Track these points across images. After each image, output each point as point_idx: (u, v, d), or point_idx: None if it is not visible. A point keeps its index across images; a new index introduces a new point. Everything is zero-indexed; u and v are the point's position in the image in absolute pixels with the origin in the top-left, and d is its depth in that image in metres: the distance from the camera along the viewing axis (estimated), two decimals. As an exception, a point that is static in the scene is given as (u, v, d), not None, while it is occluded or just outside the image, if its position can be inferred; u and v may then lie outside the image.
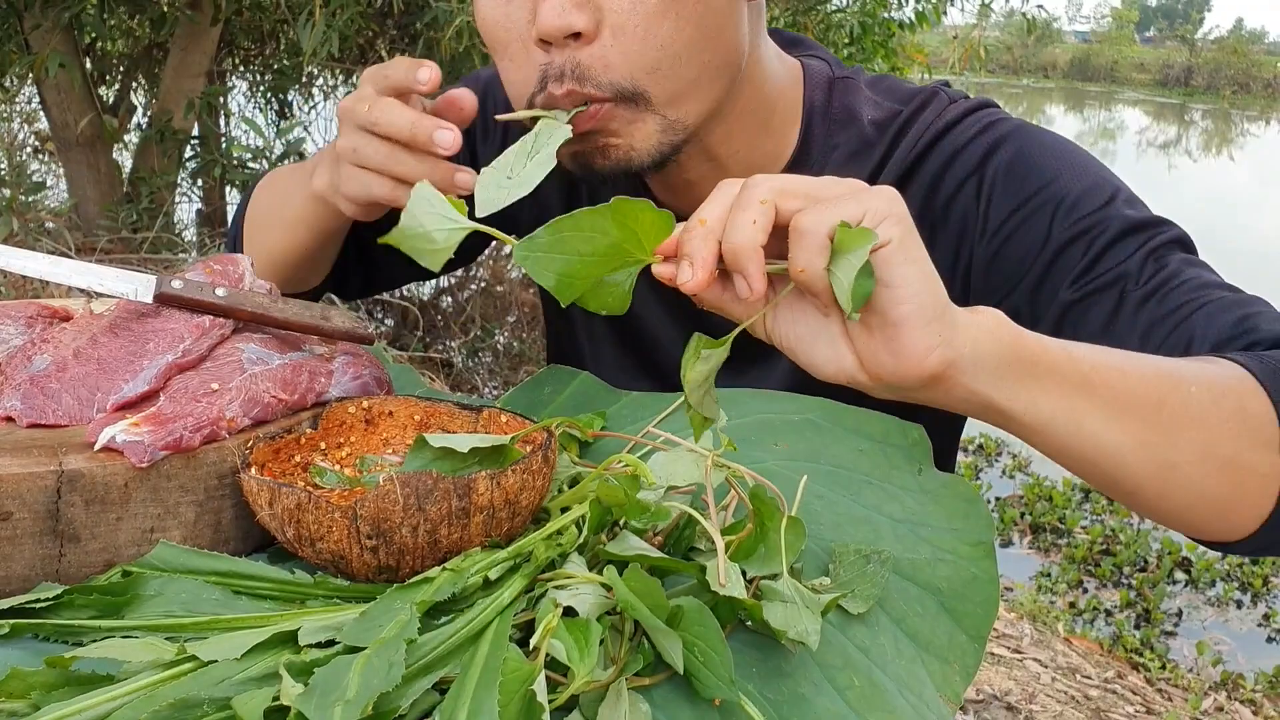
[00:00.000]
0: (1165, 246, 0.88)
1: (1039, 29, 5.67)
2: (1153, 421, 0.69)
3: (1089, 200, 0.90)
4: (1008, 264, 0.93)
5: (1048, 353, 0.67)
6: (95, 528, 0.68)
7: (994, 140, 0.96)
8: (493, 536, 0.69)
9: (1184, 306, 0.83)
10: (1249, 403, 0.72)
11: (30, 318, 0.87)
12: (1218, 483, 0.71)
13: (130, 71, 4.51)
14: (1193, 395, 0.70)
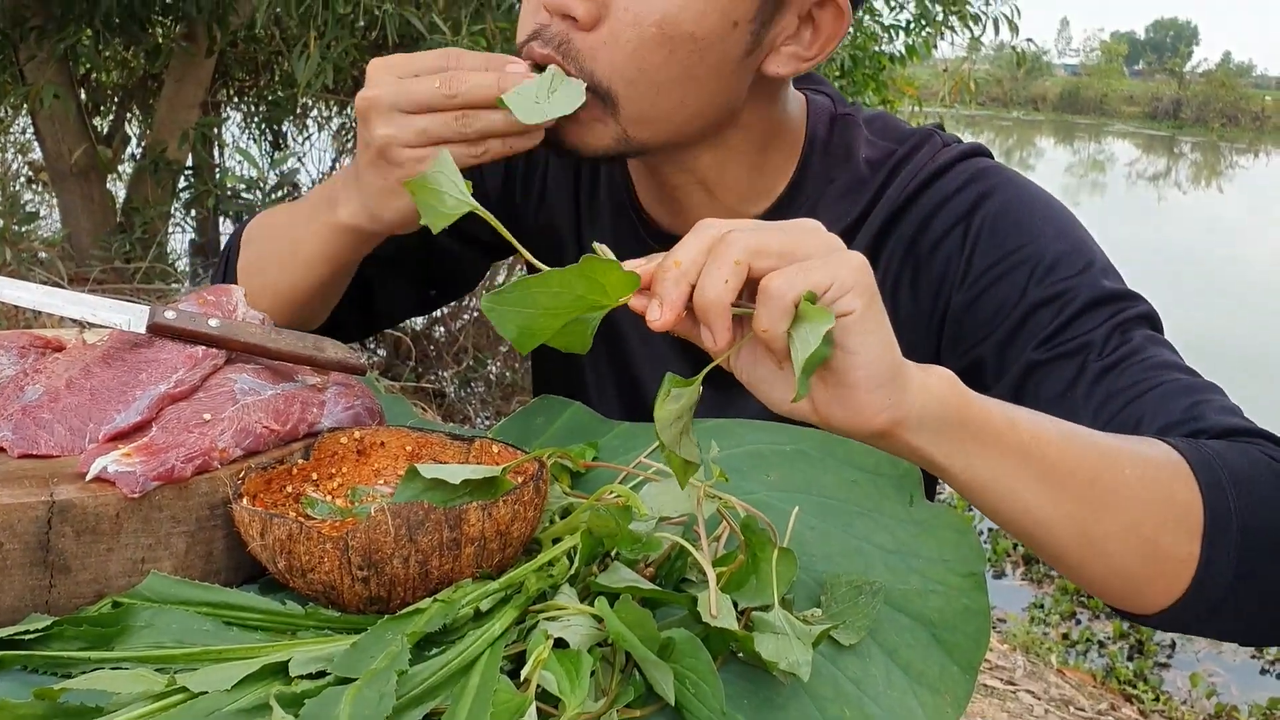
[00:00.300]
0: (1133, 321, 0.90)
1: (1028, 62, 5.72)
2: (1083, 496, 0.72)
3: (1066, 265, 0.92)
4: (982, 315, 0.95)
5: (991, 419, 0.70)
6: (86, 558, 0.68)
7: (983, 191, 0.98)
8: (484, 568, 0.69)
9: (1140, 384, 0.85)
10: (1178, 490, 0.74)
11: (23, 348, 0.87)
12: (1136, 561, 0.73)
13: (125, 102, 4.53)
14: (1126, 476, 0.73)
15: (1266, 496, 0.76)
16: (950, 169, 1.00)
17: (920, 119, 5.23)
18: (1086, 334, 0.89)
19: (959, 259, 0.97)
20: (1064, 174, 21.09)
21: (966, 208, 0.97)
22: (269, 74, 4.55)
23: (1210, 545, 0.73)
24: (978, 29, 4.90)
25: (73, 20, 3.55)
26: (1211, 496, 0.74)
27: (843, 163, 1.03)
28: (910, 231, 0.99)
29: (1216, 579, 0.74)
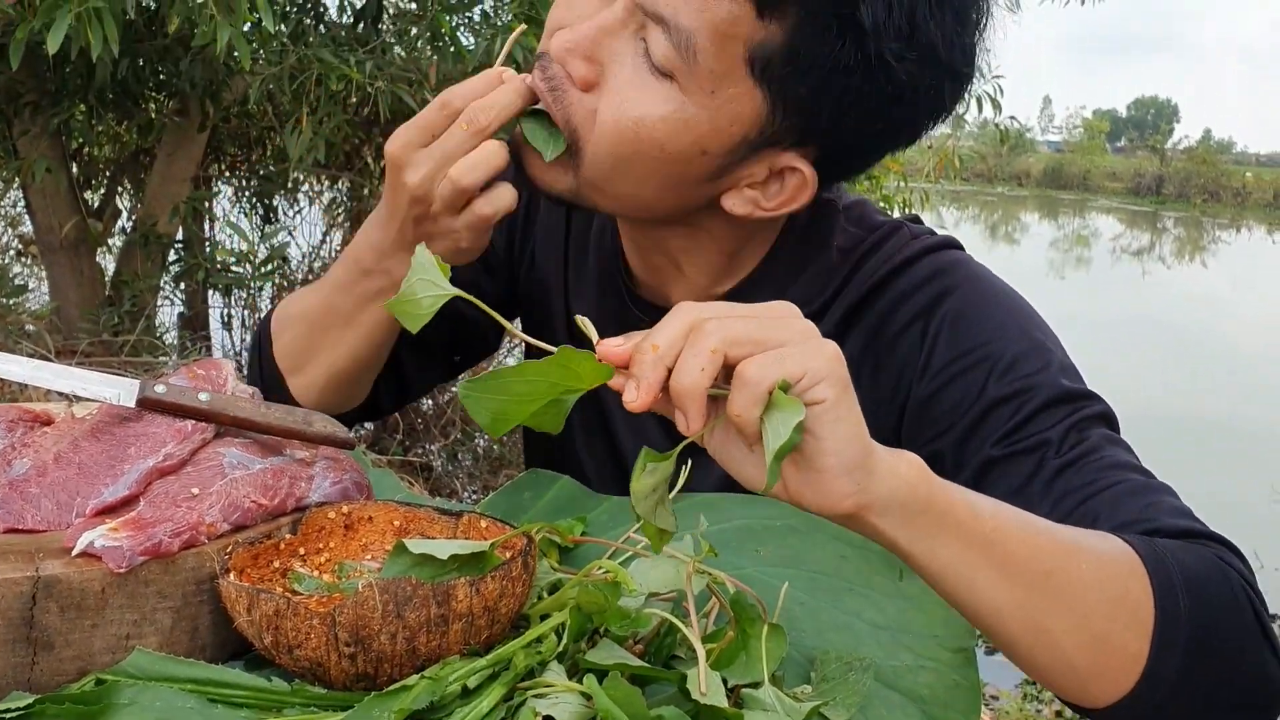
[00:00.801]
0: (1090, 420, 0.91)
1: (1012, 139, 5.80)
2: (1038, 588, 0.72)
3: (1025, 363, 0.94)
4: (941, 410, 0.96)
5: (955, 507, 0.71)
6: (70, 635, 0.67)
7: (946, 286, 0.99)
8: (472, 644, 0.69)
9: (1096, 483, 0.86)
10: (1132, 587, 0.75)
11: (11, 422, 0.87)
12: (1085, 655, 0.74)
13: (116, 176, 4.55)
14: (1081, 571, 0.74)
15: (1216, 599, 0.77)
16: (916, 262, 1.02)
17: (906, 194, 5.29)
18: (1044, 432, 0.90)
19: (919, 353, 0.98)
20: (1049, 248, 21.31)
21: (928, 302, 0.99)
22: (261, 149, 4.59)
23: (1159, 644, 0.74)
24: (961, 107, 4.97)
25: (67, 96, 3.59)
26: (1163, 596, 0.75)
27: (816, 250, 1.04)
28: (873, 322, 1.01)
29: (1163, 677, 0.74)
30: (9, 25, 2.80)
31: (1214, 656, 0.76)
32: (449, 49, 3.38)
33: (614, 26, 0.90)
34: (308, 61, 3.16)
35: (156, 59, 3.60)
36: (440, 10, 3.40)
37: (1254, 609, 0.78)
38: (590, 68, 0.90)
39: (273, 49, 3.20)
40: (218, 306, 4.66)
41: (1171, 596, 0.75)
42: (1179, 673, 0.75)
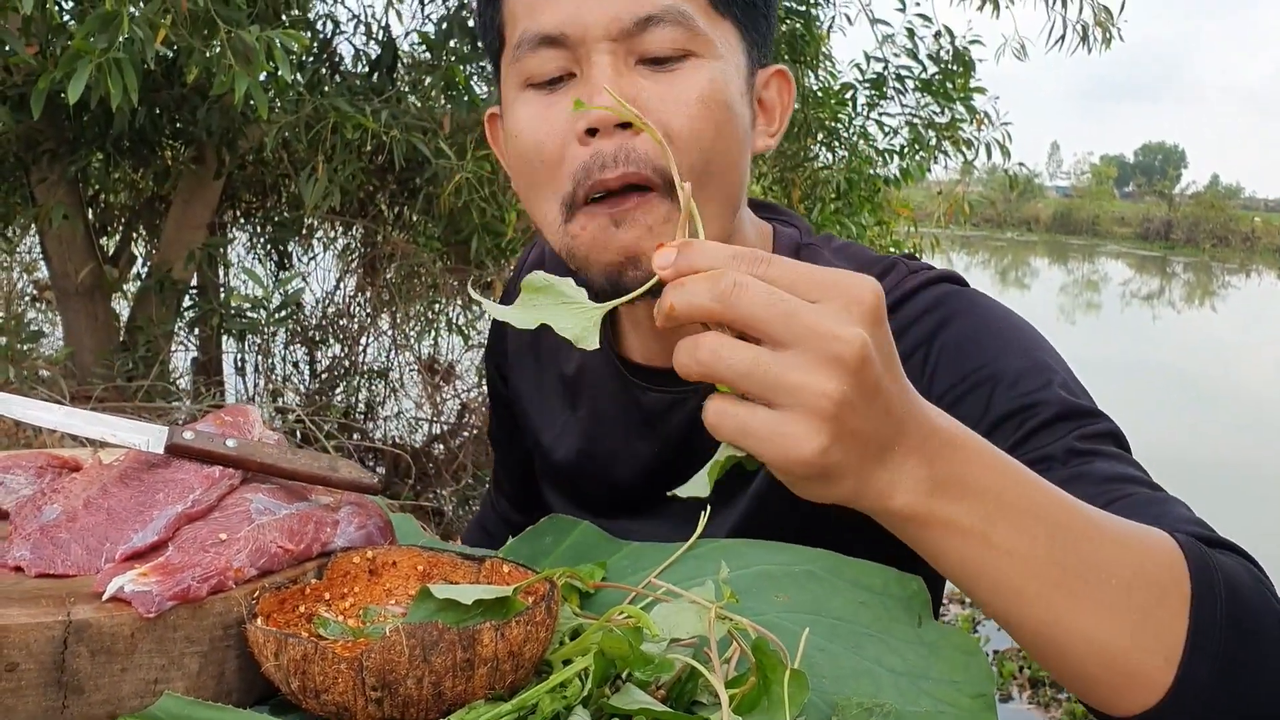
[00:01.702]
0: (1096, 437, 0.90)
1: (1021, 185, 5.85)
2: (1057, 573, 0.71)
3: (1028, 380, 0.94)
4: None
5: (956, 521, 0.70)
6: (100, 679, 0.68)
7: (945, 317, 1.00)
8: (496, 689, 0.69)
9: (1104, 495, 0.85)
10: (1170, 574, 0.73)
11: (40, 468, 0.88)
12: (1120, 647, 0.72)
13: (132, 223, 4.60)
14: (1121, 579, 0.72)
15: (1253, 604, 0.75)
16: (915, 295, 1.03)
17: (916, 239, 5.32)
18: (1047, 447, 0.90)
19: (920, 384, 0.96)
20: (1059, 293, 21.31)
21: (928, 333, 1.00)
22: (276, 195, 4.64)
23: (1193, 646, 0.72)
24: (970, 153, 5.02)
25: (85, 144, 3.64)
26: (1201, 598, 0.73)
27: None
28: None
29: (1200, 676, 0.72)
30: (30, 75, 2.85)
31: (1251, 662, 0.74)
32: (463, 98, 3.43)
33: (613, 70, 0.93)
34: (324, 110, 3.20)
35: (174, 107, 3.65)
36: (454, 60, 3.44)
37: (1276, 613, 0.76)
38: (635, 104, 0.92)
39: (289, 98, 3.25)
40: (231, 352, 4.69)
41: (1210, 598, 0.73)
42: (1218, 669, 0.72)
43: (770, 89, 1.06)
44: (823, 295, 0.64)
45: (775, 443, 0.64)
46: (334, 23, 3.95)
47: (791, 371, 0.63)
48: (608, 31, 0.92)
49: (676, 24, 0.93)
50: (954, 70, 4.82)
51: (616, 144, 0.92)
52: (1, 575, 0.75)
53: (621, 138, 0.92)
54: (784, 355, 0.63)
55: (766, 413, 0.64)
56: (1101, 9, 4.68)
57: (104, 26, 2.32)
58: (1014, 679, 4.13)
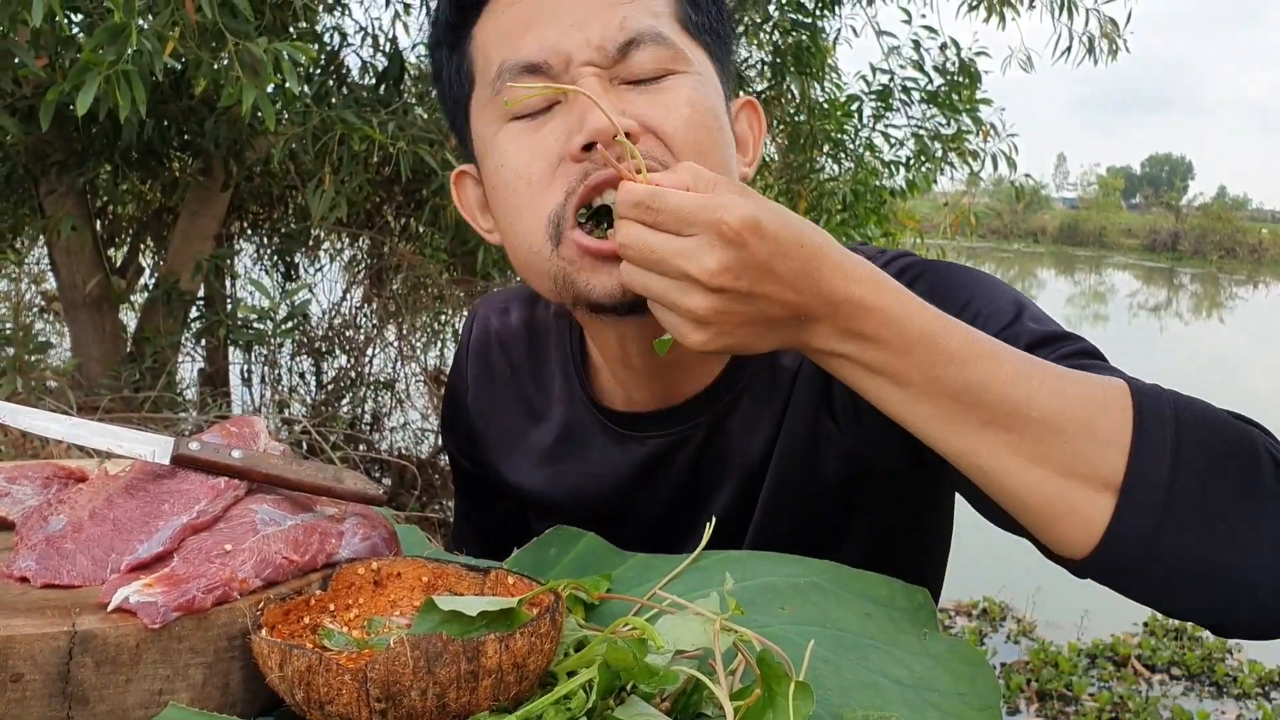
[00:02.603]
0: (1075, 355, 0.93)
1: (1027, 196, 5.84)
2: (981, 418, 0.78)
3: (998, 318, 0.97)
4: None
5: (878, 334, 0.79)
6: (104, 689, 0.68)
7: (911, 277, 1.04)
8: (500, 700, 0.69)
9: None
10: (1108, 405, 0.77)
11: (47, 478, 0.88)
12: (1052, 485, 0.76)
13: (140, 234, 4.61)
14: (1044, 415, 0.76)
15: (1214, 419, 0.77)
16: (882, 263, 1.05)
17: (923, 251, 5.31)
18: None
19: None
20: (1066, 305, 21.28)
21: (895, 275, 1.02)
22: (283, 207, 4.65)
23: (1140, 441, 0.75)
24: (976, 165, 5.02)
25: (93, 155, 3.65)
26: (1146, 411, 0.76)
27: None
28: None
29: (1152, 481, 0.74)
30: (39, 87, 2.86)
31: (1213, 468, 0.75)
32: (469, 109, 3.43)
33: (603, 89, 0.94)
34: (331, 122, 3.21)
35: (182, 119, 3.66)
36: (461, 72, 3.44)
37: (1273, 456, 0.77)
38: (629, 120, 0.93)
39: (296, 110, 3.26)
40: (238, 363, 4.70)
41: (1156, 407, 0.76)
42: (1165, 481, 0.74)
43: (741, 121, 1.07)
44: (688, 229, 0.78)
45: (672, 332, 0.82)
46: (341, 35, 3.97)
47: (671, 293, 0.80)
48: (591, 58, 0.94)
49: (657, 43, 0.95)
50: (960, 82, 4.82)
51: (616, 151, 0.92)
52: (7, 585, 0.75)
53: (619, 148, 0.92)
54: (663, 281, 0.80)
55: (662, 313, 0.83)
56: (1107, 21, 4.69)
57: (112, 39, 2.33)
58: (1021, 692, 4.12)
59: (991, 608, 4.82)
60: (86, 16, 2.90)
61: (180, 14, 2.47)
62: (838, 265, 0.78)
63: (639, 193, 0.79)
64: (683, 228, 0.78)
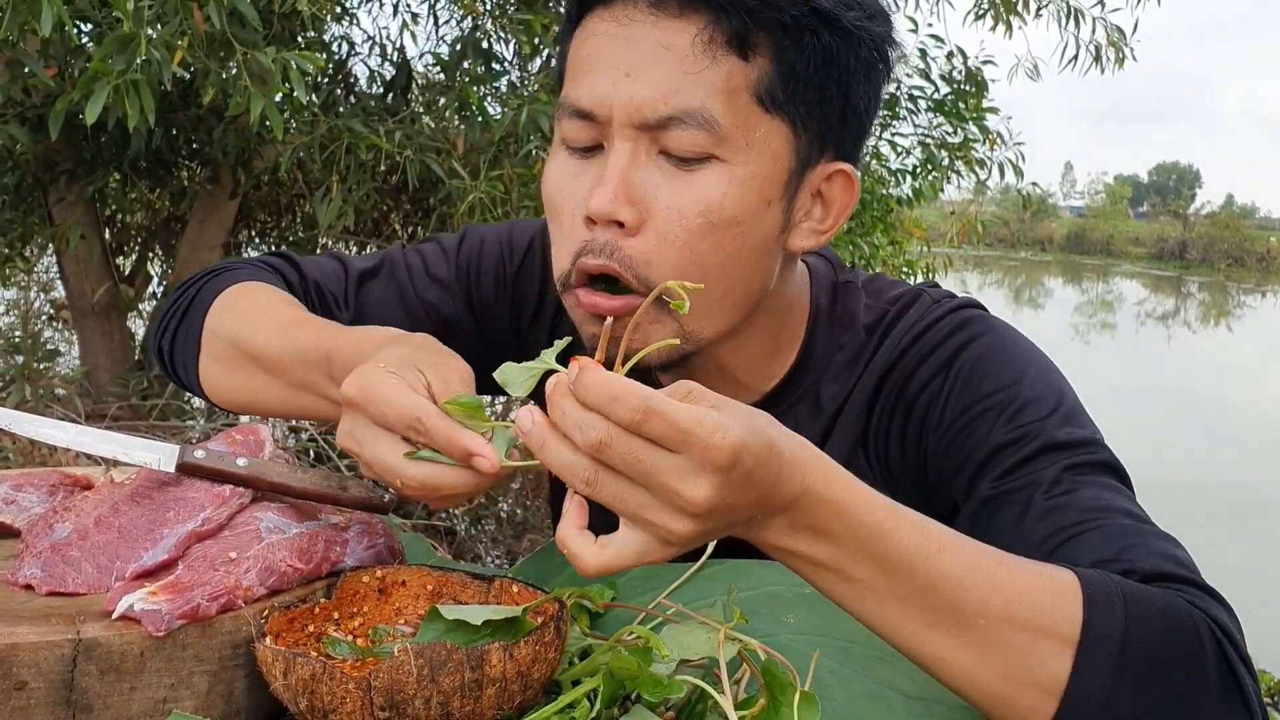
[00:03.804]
0: (1089, 467, 0.91)
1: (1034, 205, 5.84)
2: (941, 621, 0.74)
3: (1032, 410, 0.95)
4: (954, 459, 0.98)
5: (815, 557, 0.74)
6: (108, 697, 0.68)
7: (965, 339, 1.02)
8: (505, 709, 0.69)
9: (1080, 525, 0.86)
10: (1056, 608, 0.74)
11: (52, 486, 0.88)
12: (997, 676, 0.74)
13: (148, 242, 4.63)
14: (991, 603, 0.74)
15: (1163, 625, 0.75)
16: (938, 322, 1.04)
17: (929, 259, 5.31)
18: (1037, 473, 0.91)
19: (938, 406, 1.00)
20: (1073, 313, 21.25)
21: (949, 356, 1.01)
22: (290, 215, 4.66)
23: (1083, 662, 0.73)
24: (983, 173, 5.02)
25: (102, 164, 3.67)
26: (1095, 614, 0.74)
27: (846, 329, 1.07)
28: (898, 385, 1.03)
29: (1088, 696, 0.73)
30: (49, 96, 2.87)
31: (1155, 681, 0.74)
32: (476, 118, 3.44)
33: (629, 160, 0.92)
34: (338, 131, 3.22)
35: (190, 128, 3.68)
36: (468, 82, 3.46)
37: (1221, 652, 0.76)
38: (634, 209, 0.91)
39: (304, 119, 3.27)
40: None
41: (1106, 614, 0.74)
42: (1107, 692, 0.73)
43: (834, 185, 0.99)
44: (682, 447, 0.68)
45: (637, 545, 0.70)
46: (349, 44, 3.98)
47: (647, 510, 0.69)
48: (631, 119, 0.91)
49: (700, 127, 0.90)
50: (967, 90, 4.82)
51: (608, 238, 0.92)
52: (12, 593, 0.75)
53: (614, 233, 0.92)
54: (645, 495, 0.69)
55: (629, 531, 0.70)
56: (1114, 29, 4.69)
57: (121, 48, 2.34)
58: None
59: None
60: (95, 26, 2.91)
61: (189, 24, 2.48)
62: (793, 460, 0.73)
63: (633, 400, 0.68)
64: (677, 445, 0.69)
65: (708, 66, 0.90)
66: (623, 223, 0.91)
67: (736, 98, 0.91)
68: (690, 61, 0.90)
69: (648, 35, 0.90)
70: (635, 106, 0.90)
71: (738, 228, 0.93)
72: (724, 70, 0.90)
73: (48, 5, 2.20)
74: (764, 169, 0.93)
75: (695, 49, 0.89)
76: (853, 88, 0.95)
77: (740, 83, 0.91)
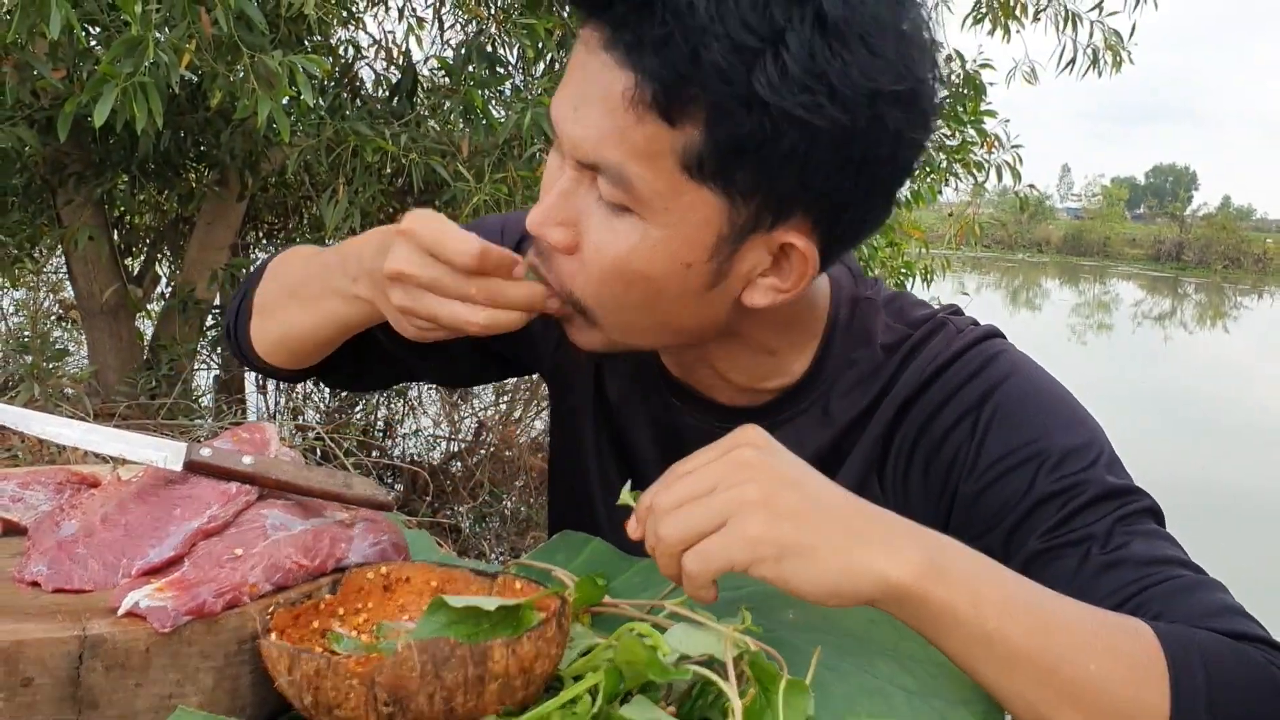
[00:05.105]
0: (1136, 515, 0.92)
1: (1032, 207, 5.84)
2: (1042, 683, 0.77)
3: (1073, 460, 0.95)
4: (989, 507, 0.96)
5: (954, 608, 0.76)
6: (114, 694, 0.69)
7: (993, 381, 1.00)
8: (507, 705, 0.70)
9: (1143, 580, 0.87)
10: (1146, 694, 0.77)
11: (60, 484, 0.89)
12: None
13: (156, 244, 4.64)
14: (1090, 671, 0.76)
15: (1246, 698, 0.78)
16: (963, 355, 1.02)
17: (927, 260, 5.31)
18: (1090, 526, 0.91)
19: (968, 448, 0.98)
20: (1070, 314, 21.21)
21: (977, 398, 1.00)
22: (298, 217, 4.67)
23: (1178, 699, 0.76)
24: (981, 176, 5.02)
25: (110, 166, 3.68)
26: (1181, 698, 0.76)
27: (862, 345, 1.05)
28: (922, 419, 1.02)
29: None
30: (57, 99, 2.88)
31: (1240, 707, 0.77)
32: (480, 122, 3.45)
33: (572, 186, 0.91)
34: (344, 134, 3.23)
35: (198, 131, 3.69)
36: (473, 85, 3.47)
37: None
38: (566, 232, 0.91)
39: (311, 122, 3.28)
40: (254, 373, 4.71)
41: (1190, 698, 0.76)
42: None
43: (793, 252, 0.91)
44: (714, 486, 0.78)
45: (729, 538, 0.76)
46: (355, 48, 3.99)
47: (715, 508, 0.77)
48: (571, 155, 0.89)
49: (617, 184, 0.86)
50: (965, 94, 4.82)
51: (545, 246, 0.93)
52: (19, 590, 0.76)
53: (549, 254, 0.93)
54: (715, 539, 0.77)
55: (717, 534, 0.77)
56: (1112, 33, 4.69)
57: (129, 51, 2.35)
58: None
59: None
60: (104, 29, 2.92)
61: (196, 27, 2.48)
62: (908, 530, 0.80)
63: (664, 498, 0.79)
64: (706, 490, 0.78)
65: (634, 124, 0.83)
66: (552, 243, 0.92)
67: (659, 162, 0.85)
68: (620, 114, 0.83)
69: (598, 73, 0.85)
70: (573, 145, 0.88)
71: (648, 282, 0.90)
72: (649, 132, 0.83)
73: (56, 8, 2.21)
74: (684, 234, 0.88)
75: (624, 102, 0.83)
76: (810, 170, 0.84)
77: (664, 148, 0.84)
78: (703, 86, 0.80)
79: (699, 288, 0.92)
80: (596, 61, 0.85)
